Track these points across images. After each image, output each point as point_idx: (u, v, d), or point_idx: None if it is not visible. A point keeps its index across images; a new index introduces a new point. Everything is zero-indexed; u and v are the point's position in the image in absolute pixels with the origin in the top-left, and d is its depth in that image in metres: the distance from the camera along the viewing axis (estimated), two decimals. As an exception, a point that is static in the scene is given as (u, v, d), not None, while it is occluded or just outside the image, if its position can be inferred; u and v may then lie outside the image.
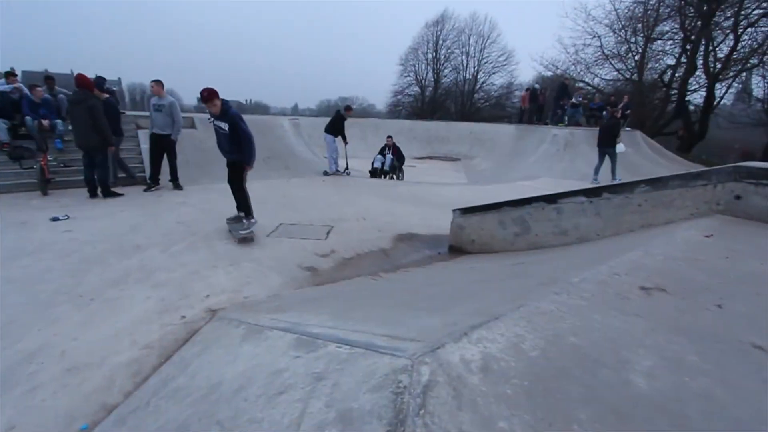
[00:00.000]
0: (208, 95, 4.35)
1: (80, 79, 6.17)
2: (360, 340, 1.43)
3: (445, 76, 33.33)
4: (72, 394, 2.12)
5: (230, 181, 4.75)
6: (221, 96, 4.49)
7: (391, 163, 11.30)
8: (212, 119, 4.57)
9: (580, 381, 1.02)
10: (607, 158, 10.24)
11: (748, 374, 1.09)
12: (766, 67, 17.83)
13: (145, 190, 6.97)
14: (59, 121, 7.70)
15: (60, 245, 4.18)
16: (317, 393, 1.10)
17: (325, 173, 9.68)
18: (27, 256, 3.89)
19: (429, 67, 33.29)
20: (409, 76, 33.84)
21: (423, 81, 33.70)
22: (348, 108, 10.40)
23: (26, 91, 7.95)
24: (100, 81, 7.55)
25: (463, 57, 32.46)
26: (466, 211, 4.52)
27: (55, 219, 5.07)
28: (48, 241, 4.31)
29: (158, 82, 6.97)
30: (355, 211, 6.01)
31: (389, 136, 11.97)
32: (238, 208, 4.82)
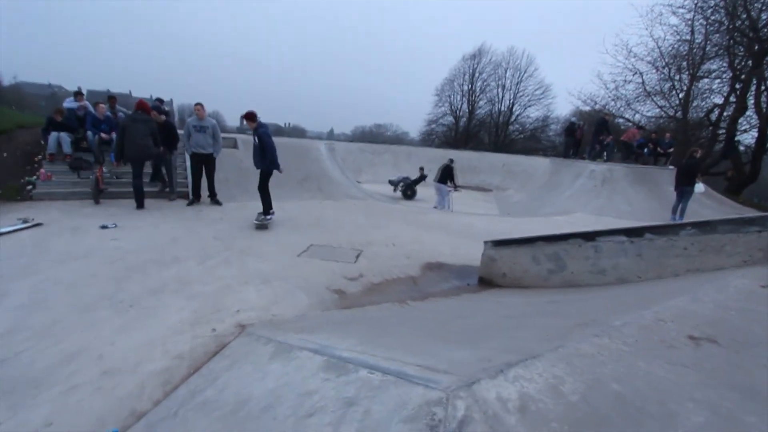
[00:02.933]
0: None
1: (141, 104, 6.80)
2: (391, 368, 1.41)
3: (479, 107, 33.66)
4: (105, 398, 2.20)
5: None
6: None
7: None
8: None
9: (623, 431, 0.96)
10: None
11: (816, 443, 0.99)
12: (825, 110, 16.80)
13: (187, 205, 7.34)
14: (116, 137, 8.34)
15: (106, 252, 4.43)
16: (348, 418, 1.09)
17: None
18: (76, 260, 4.15)
19: (464, 98, 33.77)
20: (443, 106, 34.42)
21: (457, 111, 34.13)
22: (451, 160, 13.02)
23: (91, 108, 8.70)
24: (157, 104, 8.21)
25: (499, 89, 32.76)
26: (499, 243, 4.43)
27: (104, 227, 5.40)
28: (96, 247, 4.59)
29: (202, 106, 7.46)
30: (385, 237, 6.04)
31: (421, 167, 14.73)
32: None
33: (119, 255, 4.36)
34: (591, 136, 15.87)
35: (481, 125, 34.07)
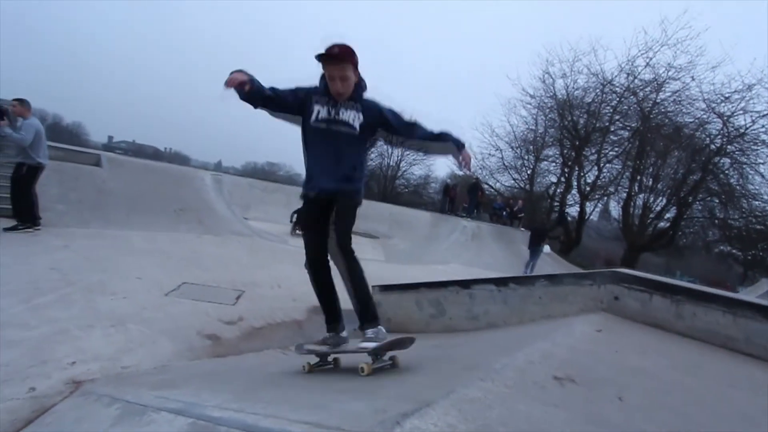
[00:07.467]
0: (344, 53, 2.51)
1: None
2: (275, 429, 1.24)
3: (371, 159, 35.77)
4: None
5: None
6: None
7: None
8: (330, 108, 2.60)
9: (514, 476, 0.99)
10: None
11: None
12: (619, 195, 23.23)
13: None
14: None
15: None
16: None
17: None
18: None
19: (356, 149, 35.61)
20: (337, 154, 35.68)
21: (350, 160, 35.66)
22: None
23: None
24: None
25: (387, 146, 35.53)
26: (386, 288, 4.53)
27: None
28: None
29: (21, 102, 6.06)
30: (271, 277, 5.66)
31: None
32: None
33: None
34: (464, 196, 18.36)
35: (371, 176, 36.02)
